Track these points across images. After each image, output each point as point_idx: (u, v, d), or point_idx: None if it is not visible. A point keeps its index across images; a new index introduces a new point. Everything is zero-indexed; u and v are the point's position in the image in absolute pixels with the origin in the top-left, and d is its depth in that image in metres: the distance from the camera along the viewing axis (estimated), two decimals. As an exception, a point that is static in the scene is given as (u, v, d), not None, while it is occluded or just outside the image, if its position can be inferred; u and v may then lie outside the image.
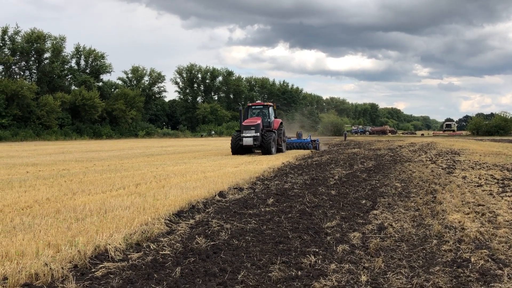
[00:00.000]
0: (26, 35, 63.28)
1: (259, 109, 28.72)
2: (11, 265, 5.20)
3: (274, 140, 26.72)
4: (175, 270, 5.38)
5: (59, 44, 67.24)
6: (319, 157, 25.55)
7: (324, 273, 5.31)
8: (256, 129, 25.98)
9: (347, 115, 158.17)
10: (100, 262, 5.68)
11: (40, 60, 65.63)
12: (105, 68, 74.26)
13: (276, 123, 28.66)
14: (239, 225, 7.77)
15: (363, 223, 8.02)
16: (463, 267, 5.51)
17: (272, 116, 28.80)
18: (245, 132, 26.06)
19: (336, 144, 46.86)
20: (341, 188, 12.43)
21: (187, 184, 12.46)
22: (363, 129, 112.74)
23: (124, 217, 7.84)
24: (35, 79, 65.39)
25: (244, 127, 26.29)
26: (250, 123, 26.33)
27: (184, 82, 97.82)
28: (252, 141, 25.71)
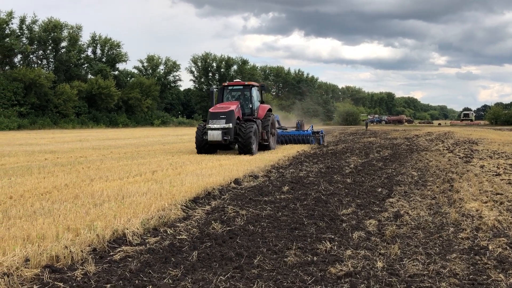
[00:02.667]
0: (43, 24, 63.76)
1: (238, 90, 21.15)
2: (32, 247, 5.31)
3: (256, 133, 18.97)
4: (191, 254, 5.45)
5: (75, 33, 67.62)
6: (334, 146, 25.44)
7: (340, 258, 5.32)
8: (228, 118, 18.16)
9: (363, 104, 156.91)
10: (118, 246, 5.78)
11: (57, 49, 66.12)
12: (121, 57, 74.59)
13: (262, 110, 20.97)
14: (254, 212, 7.81)
15: (379, 211, 8.00)
16: (481, 254, 5.48)
17: (257, 101, 21.19)
18: (211, 123, 18.14)
19: (351, 133, 46.56)
20: (356, 177, 12.39)
21: (202, 172, 12.54)
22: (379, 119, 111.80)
23: (141, 203, 7.93)
24: (52, 68, 66.00)
25: (211, 116, 18.43)
26: (220, 109, 18.59)
27: (199, 71, 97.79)
28: (220, 135, 17.86)
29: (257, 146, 19.44)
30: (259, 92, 21.68)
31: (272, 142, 21.60)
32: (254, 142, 18.72)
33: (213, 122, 18.23)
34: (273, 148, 21.49)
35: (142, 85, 73.42)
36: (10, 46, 58.73)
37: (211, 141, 18.21)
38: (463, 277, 4.74)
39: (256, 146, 19.07)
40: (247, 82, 21.10)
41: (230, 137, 18.14)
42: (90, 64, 71.75)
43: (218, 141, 18.12)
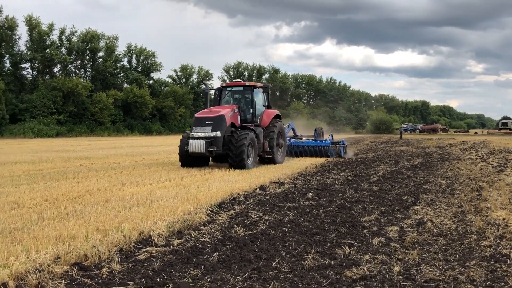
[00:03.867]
0: (81, 35, 65.98)
1: (238, 92, 17.95)
2: (63, 246, 5.62)
3: (254, 144, 15.96)
4: (212, 255, 5.64)
5: (112, 44, 69.65)
6: (364, 154, 25.27)
7: (357, 263, 5.40)
8: (216, 124, 15.09)
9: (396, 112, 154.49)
10: (144, 246, 6.03)
11: (94, 59, 68.23)
12: (155, 66, 76.23)
13: (267, 117, 17.70)
14: (277, 217, 7.95)
15: (402, 218, 8.00)
16: (501, 262, 5.45)
17: (260, 105, 17.87)
18: (195, 130, 15.18)
19: (383, 142, 46.01)
20: (383, 184, 12.35)
21: (230, 178, 12.76)
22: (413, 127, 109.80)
23: (168, 207, 8.20)
24: (90, 77, 68.06)
25: (195, 121, 15.53)
26: (207, 114, 15.63)
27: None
28: (203, 145, 14.72)
29: (256, 159, 16.40)
30: (264, 95, 18.11)
31: (280, 155, 18.16)
32: (251, 155, 15.72)
33: (197, 129, 15.07)
34: (281, 162, 17.84)
35: (176, 93, 74.70)
36: (51, 56, 61.00)
37: (193, 153, 14.93)
38: (480, 283, 4.75)
39: (253, 160, 15.97)
40: (248, 83, 17.49)
41: (217, 148, 14.80)
42: (126, 73, 73.58)
43: (201, 153, 14.83)
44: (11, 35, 59.29)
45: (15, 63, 59.84)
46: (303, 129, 44.15)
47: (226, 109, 15.93)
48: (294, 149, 21.48)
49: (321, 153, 21.19)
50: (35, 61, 61.77)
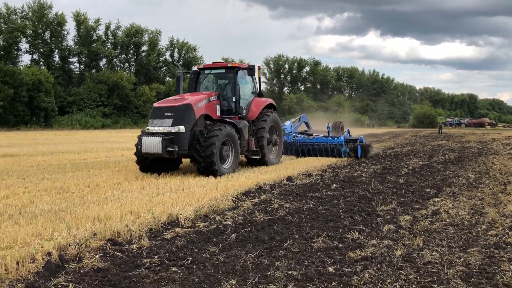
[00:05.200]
0: (126, 29, 68.28)
1: (219, 76, 14.46)
2: (100, 225, 6.34)
3: (232, 142, 12.48)
4: (231, 236, 6.22)
5: (155, 38, 71.67)
6: (400, 148, 25.24)
7: (363, 246, 5.84)
8: (178, 116, 11.68)
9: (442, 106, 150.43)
10: (171, 227, 6.68)
11: (138, 53, 70.48)
12: (196, 60, 77.79)
13: (256, 107, 14.24)
14: (297, 205, 8.45)
15: (419, 209, 8.32)
16: (501, 249, 5.74)
17: (247, 92, 14.43)
18: (151, 124, 11.96)
19: (424, 136, 45.31)
20: (410, 178, 12.57)
21: (260, 169, 13.32)
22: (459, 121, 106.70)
23: (197, 194, 8.86)
24: (133, 71, 70.39)
25: (152, 113, 12.20)
26: (168, 103, 12.33)
27: (271, 73, 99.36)
28: (159, 144, 11.29)
29: (237, 161, 12.85)
30: (254, 80, 14.66)
31: (274, 154, 15.09)
32: (229, 156, 12.45)
33: (154, 122, 11.81)
34: (276, 162, 14.76)
35: (216, 87, 75.92)
36: (97, 50, 63.50)
37: (147, 154, 11.60)
38: (474, 267, 5.09)
39: (233, 162, 12.50)
40: (231, 63, 14.09)
41: (179, 148, 11.41)
42: (168, 67, 75.42)
43: (157, 155, 11.39)
44: (60, 31, 62.10)
45: (64, 57, 62.65)
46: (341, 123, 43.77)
47: (196, 97, 12.41)
48: (300, 147, 18.15)
49: (332, 152, 17.55)
50: (82, 56, 64.44)
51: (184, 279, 4.64)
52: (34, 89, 50.78)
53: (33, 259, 4.93)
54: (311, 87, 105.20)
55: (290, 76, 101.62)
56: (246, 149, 13.49)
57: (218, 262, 5.15)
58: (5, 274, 4.54)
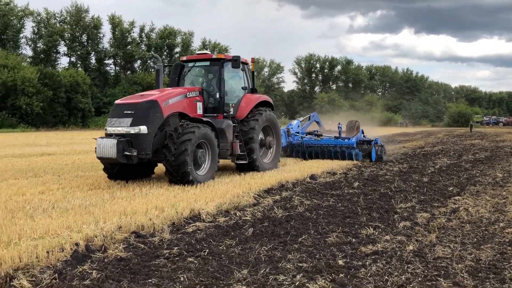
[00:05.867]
0: (159, 31, 69.72)
1: (203, 68, 12.90)
2: (125, 219, 6.71)
3: (209, 144, 10.79)
4: (248, 230, 6.49)
5: (188, 39, 72.79)
6: (430, 147, 24.92)
7: (375, 241, 5.99)
8: (140, 115, 10.18)
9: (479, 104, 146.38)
10: (193, 222, 6.99)
11: (171, 54, 71.76)
12: (228, 60, 78.78)
13: (247, 104, 12.71)
14: (317, 202, 8.64)
15: (438, 206, 8.35)
16: (514, 246, 5.78)
17: (236, 87, 13.00)
18: (109, 124, 10.49)
19: (457, 135, 44.39)
20: (435, 176, 12.52)
21: (285, 168, 13.54)
22: (496, 120, 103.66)
23: (220, 190, 9.17)
24: (167, 72, 71.89)
25: (113, 111, 10.71)
26: (131, 99, 10.80)
27: (303, 72, 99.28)
28: (114, 147, 9.77)
29: (215, 168, 11.02)
30: (245, 74, 13.12)
31: (269, 159, 13.44)
32: (205, 161, 10.78)
33: (112, 122, 10.38)
34: (270, 168, 13.03)
35: (247, 87, 76.48)
36: (131, 52, 65.08)
37: (100, 159, 10.29)
38: (484, 262, 5.18)
39: (210, 168, 10.82)
40: (216, 55, 12.60)
41: (139, 152, 9.85)
42: (200, 68, 76.42)
43: (112, 160, 9.94)
44: (96, 34, 63.98)
45: (100, 59, 64.52)
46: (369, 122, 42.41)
47: (167, 92, 10.87)
48: (307, 149, 16.53)
49: (343, 155, 15.87)
50: (117, 57, 66.15)
51: (199, 268, 4.93)
52: (71, 90, 52.63)
53: (62, 249, 5.32)
54: (343, 86, 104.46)
55: (321, 75, 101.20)
56: (230, 153, 11.74)
57: (233, 254, 5.42)
58: (36, 262, 4.93)
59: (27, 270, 4.73)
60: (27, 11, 58.59)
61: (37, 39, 60.21)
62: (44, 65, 56.65)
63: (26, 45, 60.78)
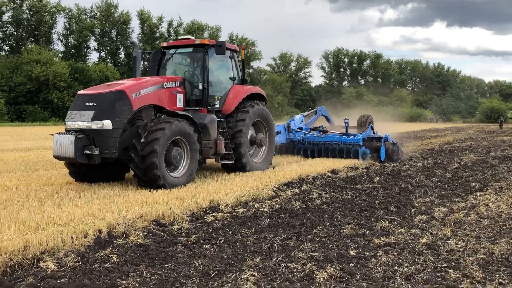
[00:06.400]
0: (187, 26, 70.49)
1: (186, 55, 11.55)
2: (147, 208, 6.97)
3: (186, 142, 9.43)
4: (264, 221, 6.66)
5: (215, 34, 73.35)
6: (458, 143, 24.52)
7: (389, 233, 6.07)
8: (104, 108, 8.85)
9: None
10: (212, 212, 7.20)
11: (199, 49, 72.60)
12: (255, 55, 78.83)
13: (235, 96, 11.33)
14: (336, 195, 8.72)
15: (458, 201, 8.32)
16: (530, 241, 5.76)
17: (223, 77, 11.72)
18: (69, 117, 9.15)
19: (489, 131, 43.40)
20: (459, 172, 12.39)
21: (307, 162, 13.61)
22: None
23: (240, 183, 9.36)
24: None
25: (74, 103, 9.39)
26: (94, 90, 9.56)
27: (330, 67, 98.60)
28: (72, 145, 8.44)
29: (193, 168, 9.56)
30: (233, 62, 11.74)
31: (260, 158, 12.08)
32: (182, 161, 9.45)
33: (72, 115, 9.11)
34: (261, 168, 11.62)
35: (274, 82, 76.56)
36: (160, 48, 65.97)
37: (57, 157, 8.94)
38: (496, 256, 5.19)
39: (188, 168, 9.45)
40: (200, 40, 11.05)
41: (103, 150, 8.63)
42: (227, 62, 76.92)
43: (70, 159, 8.71)
44: (126, 29, 65.09)
45: (129, 54, 65.56)
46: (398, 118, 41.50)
47: (138, 82, 9.60)
48: (308, 147, 15.23)
49: (348, 153, 14.42)
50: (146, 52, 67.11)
51: (214, 255, 5.13)
52: (101, 85, 53.79)
53: (86, 235, 5.61)
54: (372, 80, 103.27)
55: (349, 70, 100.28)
56: (214, 152, 10.41)
57: (248, 243, 5.60)
58: (61, 246, 5.22)
59: (52, 253, 5.02)
60: (59, 7, 60.13)
61: (68, 34, 61.82)
62: (75, 60, 58.10)
63: (58, 40, 62.57)
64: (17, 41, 57.74)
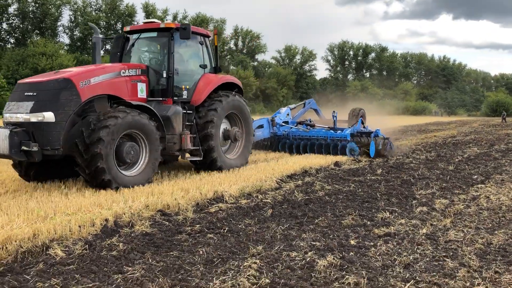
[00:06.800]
0: (192, 19, 70.59)
1: (151, 41, 10.71)
2: (152, 198, 7.12)
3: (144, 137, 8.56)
4: (267, 211, 6.78)
5: (220, 27, 73.42)
6: (462, 137, 24.54)
7: (389, 224, 6.18)
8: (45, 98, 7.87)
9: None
10: (216, 203, 7.34)
11: (204, 42, 72.78)
12: (260, 48, 78.91)
13: (206, 85, 10.40)
14: (338, 187, 8.84)
15: (459, 193, 8.42)
16: (528, 232, 5.86)
17: (193, 64, 10.78)
18: (7, 109, 8.18)
19: (493, 125, 43.29)
20: (461, 165, 12.46)
21: (310, 155, 13.71)
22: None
23: (244, 175, 9.49)
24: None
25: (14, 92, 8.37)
26: (36, 78, 8.61)
27: (335, 60, 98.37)
28: (6, 141, 7.48)
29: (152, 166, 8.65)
30: (204, 48, 10.64)
31: (235, 154, 11.10)
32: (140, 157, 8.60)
33: (9, 107, 8.20)
34: (237, 165, 10.76)
35: (279, 75, 76.54)
36: (165, 40, 66.13)
37: None
38: (494, 246, 5.30)
39: (146, 166, 8.56)
40: (164, 24, 10.09)
41: (44, 146, 7.73)
42: (232, 55, 76.92)
43: (5, 156, 7.82)
44: (131, 22, 65.13)
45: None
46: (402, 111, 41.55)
47: (92, 69, 8.70)
48: (294, 142, 14.22)
49: (334, 149, 13.50)
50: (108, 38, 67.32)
51: (217, 244, 5.27)
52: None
53: (93, 224, 5.76)
54: (377, 74, 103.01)
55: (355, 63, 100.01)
56: (178, 147, 9.50)
57: (251, 232, 5.73)
58: (69, 234, 5.38)
59: (61, 241, 5.18)
60: (64, 0, 60.28)
61: (73, 27, 61.97)
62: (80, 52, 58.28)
63: (64, 33, 62.77)
64: (23, 33, 58.02)
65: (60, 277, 4.31)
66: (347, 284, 4.18)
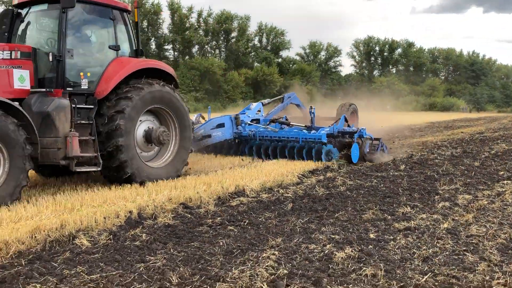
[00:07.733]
0: (216, 16, 70.96)
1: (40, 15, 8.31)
2: (175, 192, 7.28)
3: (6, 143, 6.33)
4: (287, 205, 6.85)
5: (244, 24, 73.60)
6: (490, 133, 24.02)
7: (410, 218, 6.16)
8: None
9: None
10: (237, 197, 7.44)
11: (228, 39, 72.89)
12: (284, 44, 78.62)
13: (116, 71, 8.09)
14: (359, 182, 8.83)
15: (483, 189, 8.29)
16: (553, 227, 5.75)
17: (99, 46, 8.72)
18: None
19: (524, 121, 42.16)
20: (488, 161, 12.24)
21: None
22: None
23: (265, 170, 9.57)
24: (224, 57, 73.03)
25: None
26: None
27: (361, 56, 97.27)
28: None
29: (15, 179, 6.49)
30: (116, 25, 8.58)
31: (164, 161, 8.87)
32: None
33: None
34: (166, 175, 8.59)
35: (303, 71, 76.21)
36: (190, 38, 66.64)
37: None
38: (516, 241, 5.24)
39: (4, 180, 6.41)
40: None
41: None
42: (256, 52, 76.99)
43: None
44: (156, 19, 65.92)
45: (159, 44, 66.57)
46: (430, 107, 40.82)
47: None
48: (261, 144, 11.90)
49: (308, 153, 11.15)
50: (176, 43, 67.98)
51: (238, 235, 5.37)
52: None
53: (117, 215, 5.94)
54: (403, 69, 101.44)
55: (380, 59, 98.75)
56: (63, 155, 7.21)
57: (271, 225, 5.81)
58: (94, 225, 5.56)
59: (87, 232, 5.37)
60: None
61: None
62: None
63: None
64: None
65: (85, 265, 4.47)
66: (364, 275, 4.22)
